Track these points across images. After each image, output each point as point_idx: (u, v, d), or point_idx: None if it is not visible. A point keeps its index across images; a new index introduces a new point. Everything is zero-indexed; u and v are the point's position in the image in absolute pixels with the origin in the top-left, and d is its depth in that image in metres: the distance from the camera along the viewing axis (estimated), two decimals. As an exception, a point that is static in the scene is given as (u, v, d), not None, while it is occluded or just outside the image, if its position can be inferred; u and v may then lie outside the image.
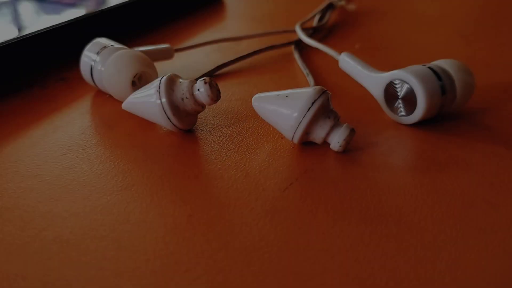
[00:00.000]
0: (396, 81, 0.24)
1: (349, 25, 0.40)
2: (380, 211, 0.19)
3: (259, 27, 0.39)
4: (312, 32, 0.37)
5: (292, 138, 0.22)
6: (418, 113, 0.24)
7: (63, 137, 0.24)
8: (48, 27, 0.31)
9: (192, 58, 0.33)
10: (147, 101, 0.23)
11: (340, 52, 0.28)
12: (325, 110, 0.22)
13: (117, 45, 0.28)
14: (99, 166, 0.22)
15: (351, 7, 0.42)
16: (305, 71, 0.30)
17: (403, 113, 0.25)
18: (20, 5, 0.42)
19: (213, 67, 0.31)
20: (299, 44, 0.34)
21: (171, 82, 0.23)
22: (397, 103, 0.25)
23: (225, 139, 0.24)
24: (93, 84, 0.28)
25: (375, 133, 0.24)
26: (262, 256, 0.17)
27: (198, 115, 0.26)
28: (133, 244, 0.17)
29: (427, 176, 0.21)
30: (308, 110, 0.22)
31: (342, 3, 0.42)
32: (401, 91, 0.24)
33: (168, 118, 0.23)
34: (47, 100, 0.28)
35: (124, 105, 0.24)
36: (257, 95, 0.23)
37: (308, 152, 0.23)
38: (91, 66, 0.27)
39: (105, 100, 0.27)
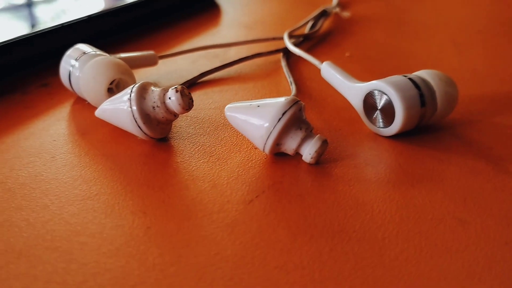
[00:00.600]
0: (375, 92, 0.24)
1: (342, 33, 0.40)
2: (344, 226, 0.18)
3: (252, 34, 0.39)
4: (303, 40, 0.36)
5: (263, 149, 0.22)
6: (396, 125, 0.23)
7: (34, 144, 0.24)
8: (32, 33, 0.31)
9: (178, 65, 0.33)
10: (119, 109, 0.23)
11: (322, 61, 0.27)
12: (296, 121, 0.22)
13: (96, 51, 0.27)
14: (66, 174, 0.21)
15: (346, 14, 0.41)
16: (289, 79, 0.30)
17: (381, 124, 0.24)
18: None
19: (197, 74, 0.30)
20: (287, 51, 0.34)
21: (143, 90, 0.23)
22: (376, 114, 0.24)
23: (197, 148, 0.23)
24: (72, 90, 0.27)
25: (353, 144, 0.24)
26: (214, 271, 0.16)
27: (174, 122, 0.26)
28: (85, 257, 0.17)
29: (399, 190, 0.20)
30: (278, 121, 0.21)
31: (337, 10, 0.41)
32: (380, 102, 0.24)
33: (139, 127, 0.23)
34: (27, 106, 0.27)
35: (97, 113, 0.24)
36: (229, 105, 0.23)
37: (280, 164, 0.22)
38: (70, 71, 0.27)
39: (83, 107, 0.27)
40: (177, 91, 0.22)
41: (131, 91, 0.23)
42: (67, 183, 0.21)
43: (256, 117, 0.22)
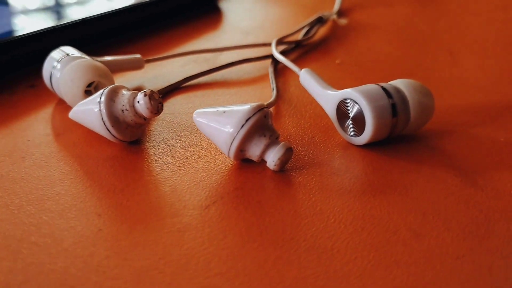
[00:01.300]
0: (348, 100, 0.23)
1: (336, 40, 0.39)
2: (296, 235, 0.18)
3: (248, 39, 0.39)
4: (295, 46, 0.36)
5: (228, 155, 0.22)
6: (367, 134, 0.23)
7: (8, 143, 0.24)
8: (26, 34, 0.32)
9: (167, 68, 0.33)
10: (89, 111, 0.23)
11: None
12: (260, 127, 0.21)
13: (78, 54, 0.28)
14: (32, 174, 0.22)
15: (343, 21, 0.41)
16: (272, 85, 0.30)
17: (353, 133, 0.24)
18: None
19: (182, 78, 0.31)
20: (273, 57, 0.34)
21: (113, 93, 0.23)
22: (347, 122, 0.24)
23: (166, 152, 0.23)
24: (53, 91, 0.28)
25: (323, 153, 0.23)
26: (155, 276, 0.16)
27: (150, 125, 0.26)
28: (32, 257, 0.17)
29: (359, 200, 0.20)
30: (241, 127, 0.21)
31: (334, 17, 0.41)
32: (352, 110, 0.23)
33: (107, 129, 0.23)
34: (11, 106, 0.28)
35: (70, 114, 0.24)
36: (198, 110, 0.23)
37: (244, 170, 0.22)
38: (51, 73, 0.27)
39: (64, 108, 0.28)
40: (145, 95, 0.23)
41: (101, 94, 0.23)
42: (32, 183, 0.21)
43: (221, 123, 0.22)
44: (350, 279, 0.16)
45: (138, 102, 0.23)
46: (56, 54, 0.28)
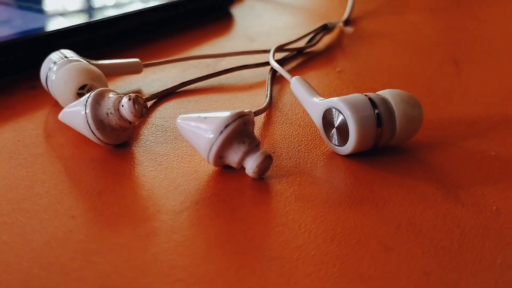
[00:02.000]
0: (333, 109, 0.23)
1: (341, 48, 0.39)
2: (263, 244, 0.18)
3: (253, 45, 0.39)
4: (296, 53, 0.36)
5: (208, 161, 0.22)
6: (350, 144, 0.23)
7: (3, 145, 0.25)
8: (28, 36, 0.32)
9: (167, 73, 0.33)
10: (76, 113, 0.24)
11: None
12: (239, 134, 0.21)
13: (76, 57, 0.28)
14: (16, 174, 0.22)
15: (349, 29, 0.41)
16: (267, 92, 0.30)
17: (337, 142, 0.24)
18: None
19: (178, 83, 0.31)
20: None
21: (100, 96, 0.23)
22: (332, 131, 0.24)
23: (149, 157, 0.24)
24: (49, 92, 0.28)
25: (306, 161, 0.23)
26: (115, 279, 0.16)
27: (139, 129, 0.26)
28: (-1, 255, 0.17)
29: (334, 211, 0.20)
30: (220, 133, 0.21)
31: (340, 25, 0.41)
32: (337, 120, 0.23)
33: (92, 132, 0.23)
34: (8, 107, 0.29)
35: (59, 116, 0.25)
36: (181, 115, 0.23)
37: (224, 177, 0.22)
38: (47, 74, 0.28)
39: (60, 110, 0.28)
40: (130, 99, 0.23)
41: (88, 97, 0.23)
42: (14, 182, 0.21)
43: (201, 129, 0.22)
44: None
45: (122, 106, 0.23)
46: (54, 56, 0.28)
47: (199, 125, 0.22)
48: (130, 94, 0.23)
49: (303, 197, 0.21)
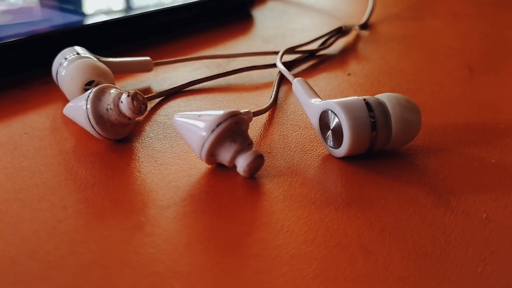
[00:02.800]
0: (329, 112, 0.23)
1: (354, 51, 0.39)
2: (244, 242, 0.18)
3: (267, 47, 0.39)
4: (308, 56, 0.36)
5: (201, 158, 0.22)
6: (344, 147, 0.23)
7: (6, 134, 0.25)
8: (46, 32, 0.33)
9: (178, 72, 0.34)
10: (78, 108, 0.24)
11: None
12: (231, 133, 0.22)
13: (86, 54, 0.29)
14: (17, 165, 0.23)
15: (364, 33, 0.40)
16: (272, 93, 0.30)
17: (332, 144, 0.24)
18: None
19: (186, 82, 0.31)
20: (285, 65, 0.34)
21: (101, 92, 0.24)
22: (328, 133, 0.24)
23: (147, 152, 0.24)
24: (59, 87, 0.29)
25: (301, 162, 0.23)
26: (95, 269, 0.17)
27: (142, 125, 0.27)
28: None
29: (320, 213, 0.20)
30: (212, 132, 0.21)
31: (356, 28, 0.40)
32: (332, 122, 0.23)
33: (92, 126, 0.24)
34: (20, 101, 0.30)
35: (64, 110, 0.25)
36: (178, 113, 0.23)
37: (217, 174, 0.22)
38: (58, 70, 0.29)
39: (68, 105, 0.29)
40: (128, 95, 0.23)
41: (90, 92, 0.24)
42: (14, 172, 0.22)
43: (195, 126, 0.22)
44: (280, 286, 0.16)
45: (121, 102, 0.23)
46: (66, 52, 0.29)
47: (193, 123, 0.22)
48: (130, 91, 0.23)
49: (291, 197, 0.21)
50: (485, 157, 0.24)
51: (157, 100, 0.30)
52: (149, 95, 0.29)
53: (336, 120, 0.23)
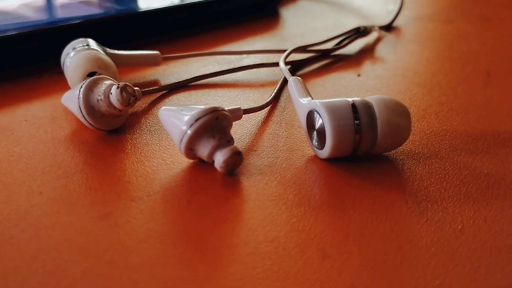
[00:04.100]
0: (315, 112, 0.23)
1: (371, 52, 0.38)
2: (202, 237, 0.18)
3: (284, 45, 0.39)
4: (321, 55, 0.36)
5: (181, 152, 0.22)
6: (327, 149, 0.22)
7: (7, 120, 0.26)
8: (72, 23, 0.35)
9: (187, 67, 0.34)
10: (72, 98, 0.25)
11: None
12: (210, 129, 0.22)
13: (93, 46, 0.30)
14: (7, 150, 0.24)
15: (383, 34, 0.39)
16: (274, 91, 0.30)
17: (317, 145, 0.23)
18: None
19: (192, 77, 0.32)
20: (294, 64, 0.34)
21: (94, 83, 0.25)
22: (314, 134, 0.23)
23: (135, 144, 0.24)
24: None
25: (284, 162, 0.23)
26: (51, 253, 0.17)
27: (137, 117, 0.27)
28: (-39, 221, 0.19)
29: (287, 212, 0.20)
30: (190, 126, 0.21)
31: (376, 29, 0.40)
32: (317, 123, 0.23)
33: (84, 116, 0.24)
34: (31, 89, 0.31)
35: (62, 99, 0.26)
36: (165, 107, 0.23)
37: (196, 169, 0.22)
38: (64, 60, 0.29)
39: (73, 95, 0.30)
40: (118, 87, 0.24)
41: (84, 83, 0.25)
42: (4, 157, 0.23)
43: (176, 121, 0.22)
44: (222, 283, 0.16)
45: (111, 93, 0.24)
46: (75, 43, 0.30)
47: (175, 117, 0.22)
48: (120, 83, 0.24)
49: (264, 196, 0.21)
50: (477, 166, 0.23)
51: (160, 93, 0.30)
52: (151, 88, 0.29)
53: (320, 121, 0.22)
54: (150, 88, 0.29)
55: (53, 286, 0.16)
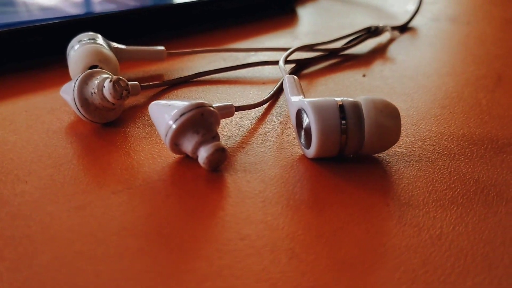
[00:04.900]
0: (303, 111, 0.23)
1: (381, 52, 0.37)
2: (173, 232, 0.18)
3: (296, 43, 0.38)
4: (328, 54, 0.35)
5: (167, 147, 0.22)
6: (312, 149, 0.22)
7: (7, 111, 0.27)
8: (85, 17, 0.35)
9: (193, 63, 0.34)
10: (68, 90, 0.25)
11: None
12: (195, 124, 0.22)
13: (98, 39, 0.30)
14: (3, 140, 0.24)
15: (395, 34, 0.39)
16: (273, 89, 0.29)
17: (304, 144, 0.23)
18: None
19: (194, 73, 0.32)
20: (300, 63, 0.34)
21: (89, 76, 0.25)
22: (302, 132, 0.23)
23: (127, 137, 0.25)
24: (70, 70, 0.31)
25: (270, 160, 0.23)
26: (22, 240, 0.18)
27: (134, 111, 0.27)
28: None
29: (263, 211, 0.20)
30: (175, 121, 0.22)
31: (388, 29, 0.39)
32: (305, 121, 0.23)
33: (78, 109, 0.25)
34: (36, 81, 0.31)
35: (60, 91, 0.27)
36: (155, 101, 0.24)
37: (182, 165, 0.23)
38: (69, 52, 0.30)
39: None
40: (110, 81, 0.24)
41: (79, 76, 0.25)
42: (-2, 146, 0.24)
43: (163, 115, 0.22)
44: (183, 278, 0.16)
45: (104, 86, 0.24)
46: (81, 36, 0.31)
47: (162, 111, 0.22)
48: (113, 77, 0.24)
49: (244, 193, 0.21)
50: (469, 171, 0.22)
51: (161, 88, 0.30)
52: (151, 83, 0.29)
53: (307, 120, 0.22)
54: (150, 83, 0.30)
55: (20, 272, 0.16)
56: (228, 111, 0.25)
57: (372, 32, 0.38)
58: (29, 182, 0.21)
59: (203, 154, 0.22)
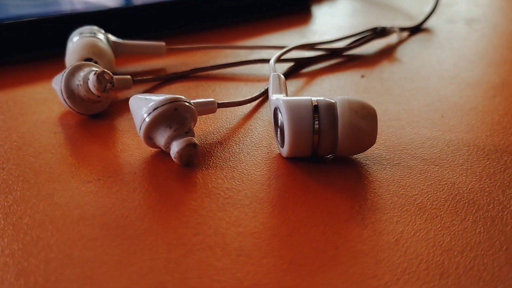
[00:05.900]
0: (278, 109, 0.23)
1: (383, 54, 0.37)
2: (133, 224, 0.19)
3: (302, 41, 0.38)
4: (330, 54, 0.35)
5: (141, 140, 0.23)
6: (285, 148, 0.22)
7: (2, 101, 0.28)
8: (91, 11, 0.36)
9: (193, 58, 0.35)
10: (57, 82, 0.26)
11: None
12: (167, 119, 0.22)
13: (97, 33, 0.31)
14: (-6, 127, 0.25)
15: (402, 35, 0.38)
16: (264, 87, 0.29)
17: (280, 142, 0.23)
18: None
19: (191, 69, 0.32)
20: (299, 61, 0.34)
21: (77, 69, 0.26)
22: (278, 131, 0.23)
23: (110, 130, 0.25)
24: (70, 62, 0.31)
25: (247, 158, 0.23)
26: (8, 231, 0.18)
27: (124, 104, 0.28)
28: None
29: (224, 209, 0.20)
30: (148, 115, 0.22)
31: (395, 30, 0.38)
32: (280, 120, 0.23)
33: (64, 99, 0.25)
34: (38, 72, 0.32)
35: (52, 83, 0.27)
36: (135, 95, 0.24)
37: (156, 159, 0.23)
38: (68, 45, 0.31)
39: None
40: (95, 74, 0.25)
41: (68, 68, 0.26)
42: (-14, 134, 0.25)
43: (138, 109, 0.23)
44: (127, 269, 0.16)
45: (89, 79, 0.25)
46: (81, 30, 0.31)
47: (139, 105, 0.23)
48: (98, 70, 0.25)
49: (210, 190, 0.21)
50: (445, 177, 0.22)
51: (155, 83, 0.31)
52: (144, 77, 0.30)
53: (281, 119, 0.22)
54: (143, 78, 0.30)
55: (-25, 255, 0.17)
56: (210, 107, 0.25)
57: (378, 32, 0.37)
58: (5, 169, 0.22)
59: (174, 148, 0.22)
